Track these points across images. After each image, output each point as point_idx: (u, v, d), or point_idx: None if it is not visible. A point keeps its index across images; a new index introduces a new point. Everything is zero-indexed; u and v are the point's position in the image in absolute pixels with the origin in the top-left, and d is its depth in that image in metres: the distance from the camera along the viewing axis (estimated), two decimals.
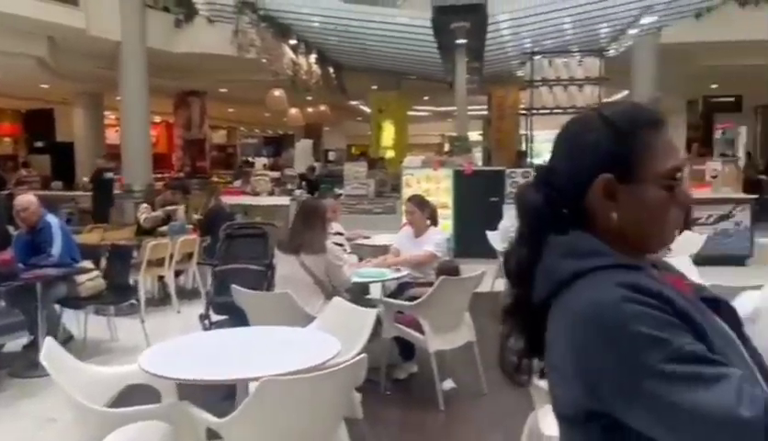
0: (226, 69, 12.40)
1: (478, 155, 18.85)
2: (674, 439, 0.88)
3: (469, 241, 7.72)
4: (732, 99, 17.11)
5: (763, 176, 14.66)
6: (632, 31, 10.42)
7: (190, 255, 6.97)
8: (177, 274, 7.07)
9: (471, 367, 4.17)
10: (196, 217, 7.89)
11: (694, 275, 4.41)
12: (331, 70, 12.40)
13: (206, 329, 4.55)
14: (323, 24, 10.18)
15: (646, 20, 9.83)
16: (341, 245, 4.85)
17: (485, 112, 17.11)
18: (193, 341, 3.27)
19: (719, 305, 1.07)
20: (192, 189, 8.92)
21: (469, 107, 15.39)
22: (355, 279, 4.31)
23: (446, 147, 13.32)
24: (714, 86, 16.65)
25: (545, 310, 1.02)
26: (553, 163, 1.10)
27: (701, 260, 5.89)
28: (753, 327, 1.11)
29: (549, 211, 1.07)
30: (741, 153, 18.62)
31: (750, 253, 8.48)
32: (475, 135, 20.91)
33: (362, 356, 2.50)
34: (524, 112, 10.14)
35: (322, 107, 17.77)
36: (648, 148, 1.02)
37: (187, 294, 7.18)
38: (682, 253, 5.73)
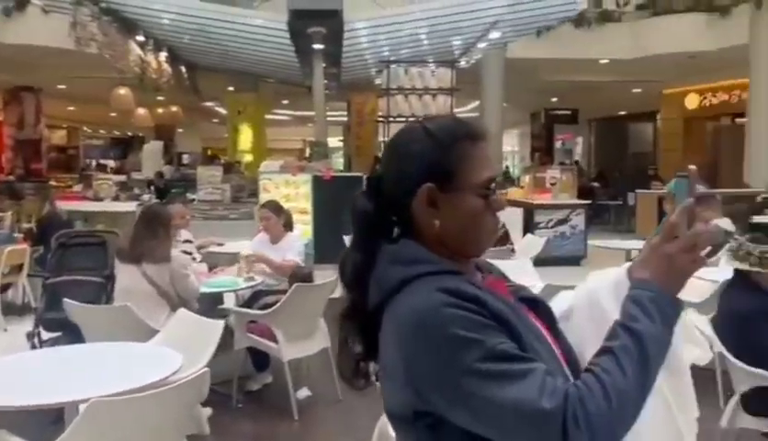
0: (65, 64, 11.44)
1: (340, 161, 19.01)
2: (490, 432, 0.94)
3: (328, 246, 7.69)
4: (569, 112, 18.68)
5: (596, 184, 16.09)
6: (481, 45, 10.98)
7: (20, 267, 6.30)
8: (5, 288, 6.37)
9: (327, 374, 4.13)
10: (27, 225, 7.16)
11: (533, 275, 4.73)
12: (183, 69, 11.85)
13: (34, 348, 4.12)
14: (174, 21, 9.70)
15: (493, 35, 10.40)
16: (189, 254, 4.62)
17: (345, 118, 17.28)
18: (15, 362, 2.93)
19: (537, 304, 1.16)
20: (25, 194, 8.10)
21: (330, 113, 15.46)
22: (206, 289, 4.12)
23: (308, 152, 13.26)
24: (554, 100, 18.06)
25: (379, 314, 1.06)
26: (382, 172, 1.15)
27: (541, 261, 6.33)
28: (567, 324, 1.19)
29: (379, 219, 1.13)
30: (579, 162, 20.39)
31: (584, 254, 9.24)
32: (336, 141, 21.09)
33: (204, 370, 2.37)
34: (381, 119, 10.31)
35: (174, 108, 16.95)
36: (466, 159, 1.08)
37: (17, 310, 6.49)
38: (524, 255, 6.13)
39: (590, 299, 1.18)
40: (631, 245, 6.70)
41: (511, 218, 8.31)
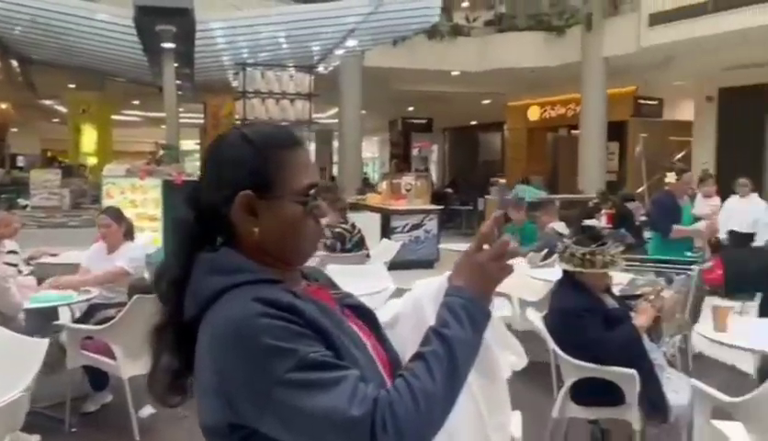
0: None
1: (197, 165, 18.23)
2: None
3: None
4: (425, 121, 19.39)
5: (449, 190, 16.83)
6: (338, 52, 11.07)
7: None
8: None
9: None
10: None
11: (387, 279, 4.82)
12: (14, 63, 10.79)
13: None
14: (2, 10, 8.78)
15: (350, 43, 10.53)
16: (15, 265, 4.19)
17: (202, 120, 16.65)
18: None
19: (362, 311, 1.18)
20: None
21: (186, 115, 14.80)
22: (33, 304, 3.75)
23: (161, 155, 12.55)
24: (410, 109, 18.66)
25: (196, 326, 1.03)
26: (202, 180, 1.13)
27: (397, 265, 6.48)
28: (393, 331, 1.21)
29: (199, 228, 1.10)
30: (434, 169, 21.28)
31: (437, 257, 9.60)
32: (192, 144, 20.24)
33: (19, 395, 2.14)
34: (237, 123, 10.05)
35: (4, 105, 15.40)
36: (284, 166, 1.08)
37: None
38: (380, 259, 6.24)
39: (414, 306, 1.23)
40: None
41: (368, 223, 8.44)
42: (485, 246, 1.10)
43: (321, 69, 11.44)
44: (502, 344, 1.19)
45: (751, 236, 7.11)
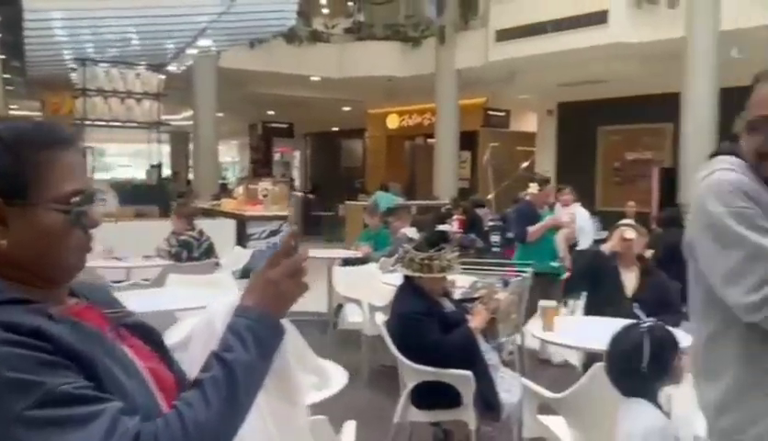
0: None
1: None
2: None
3: None
4: (286, 126, 19.18)
5: (311, 196, 16.76)
6: (192, 51, 10.63)
7: None
8: None
9: None
10: None
11: (233, 288, 4.63)
12: None
13: None
14: None
15: (203, 42, 10.15)
16: None
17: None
18: None
19: (143, 331, 1.08)
20: None
21: (20, 113, 13.46)
22: None
23: None
24: (271, 113, 18.36)
25: None
26: None
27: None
28: (185, 352, 1.13)
29: None
30: (296, 175, 21.10)
31: None
32: None
33: None
34: (77, 122, 9.31)
35: None
36: (42, 168, 0.95)
37: None
38: (232, 267, 6.01)
39: (207, 325, 1.16)
40: (337, 254, 7.04)
41: (223, 230, 8.17)
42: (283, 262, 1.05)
43: (173, 68, 10.91)
44: (302, 365, 1.14)
45: (574, 245, 7.66)
